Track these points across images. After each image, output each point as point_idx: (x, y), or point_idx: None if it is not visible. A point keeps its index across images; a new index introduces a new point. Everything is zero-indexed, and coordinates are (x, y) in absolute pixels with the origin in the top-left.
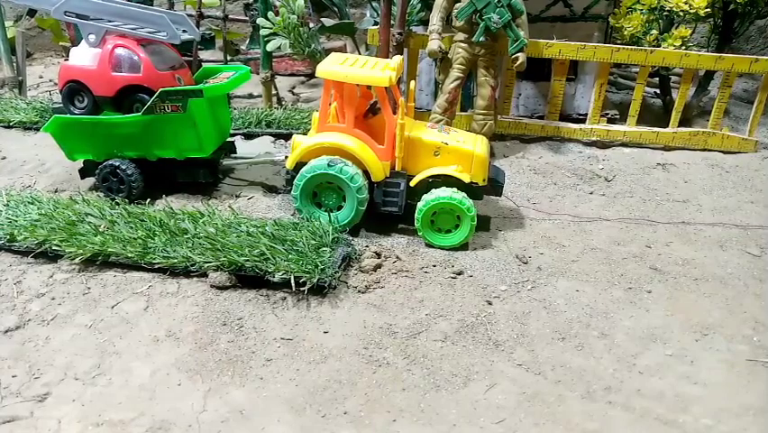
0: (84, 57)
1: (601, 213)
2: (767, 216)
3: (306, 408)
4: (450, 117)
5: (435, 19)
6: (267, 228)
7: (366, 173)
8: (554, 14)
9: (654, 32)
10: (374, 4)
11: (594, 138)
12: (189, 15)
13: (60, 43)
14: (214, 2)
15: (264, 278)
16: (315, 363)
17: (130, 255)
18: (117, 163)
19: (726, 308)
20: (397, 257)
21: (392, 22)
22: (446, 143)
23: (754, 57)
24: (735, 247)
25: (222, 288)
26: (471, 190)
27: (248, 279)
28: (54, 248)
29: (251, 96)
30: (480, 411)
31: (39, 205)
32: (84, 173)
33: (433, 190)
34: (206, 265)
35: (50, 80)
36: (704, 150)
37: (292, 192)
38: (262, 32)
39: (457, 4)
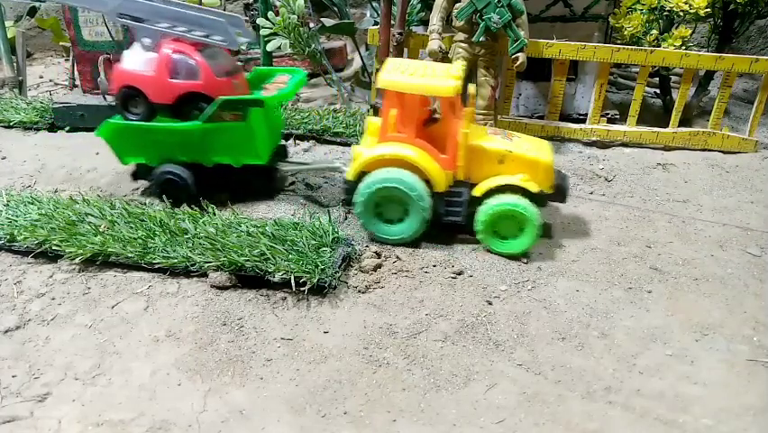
0: (139, 62)
1: (601, 213)
2: (767, 216)
3: (306, 408)
4: None
5: (435, 19)
6: (267, 228)
7: (428, 183)
8: (554, 14)
9: (654, 31)
10: (374, 3)
11: (594, 138)
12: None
13: (61, 43)
14: (215, 2)
15: (264, 278)
16: (315, 363)
17: (130, 255)
18: (174, 169)
19: (727, 308)
20: (398, 257)
21: (392, 21)
22: (511, 151)
23: (755, 57)
24: (735, 247)
25: (222, 288)
26: (536, 197)
27: (248, 279)
28: (54, 248)
29: None
30: (480, 411)
31: (39, 205)
32: (136, 176)
33: (495, 196)
34: (207, 265)
35: (51, 80)
36: (704, 150)
37: (355, 206)
38: (262, 31)
39: (457, 4)
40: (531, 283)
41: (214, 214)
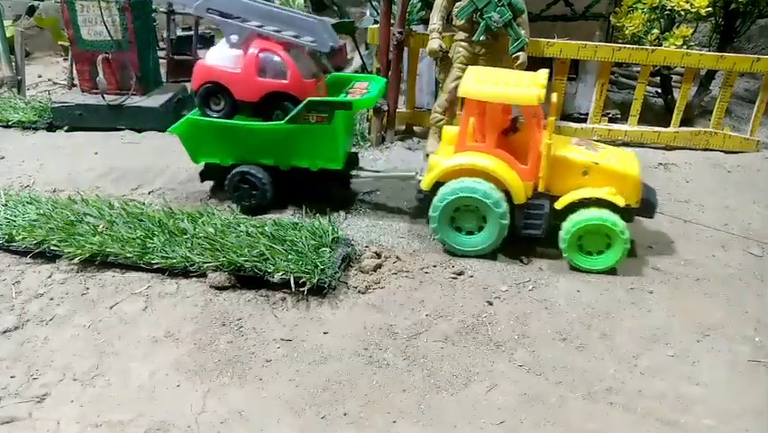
0: (225, 58)
1: None
2: (765, 218)
3: (305, 409)
4: (450, 117)
5: (436, 18)
6: (266, 228)
7: (506, 194)
8: (555, 13)
9: (656, 31)
10: (374, 2)
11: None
12: (188, 14)
13: (59, 43)
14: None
15: (263, 278)
16: (314, 363)
17: (129, 256)
18: (250, 169)
19: (728, 308)
20: (398, 257)
21: (392, 21)
22: (597, 163)
23: (756, 56)
24: (736, 248)
25: (221, 288)
26: (622, 212)
27: (247, 279)
28: (53, 248)
29: None
30: (481, 412)
31: (37, 205)
32: (204, 177)
33: (580, 211)
34: (206, 265)
35: (49, 80)
36: (706, 150)
37: (430, 216)
38: None
39: (458, 3)
40: (532, 284)
41: (213, 214)
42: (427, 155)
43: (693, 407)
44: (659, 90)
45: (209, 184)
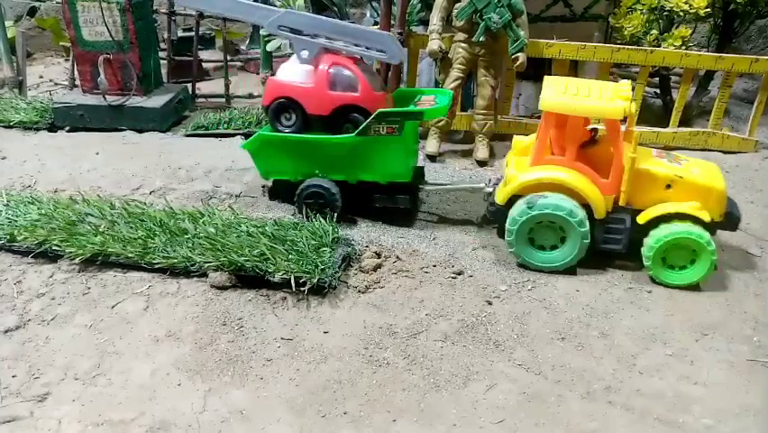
0: (297, 73)
1: None
2: (763, 217)
3: (306, 408)
4: (450, 117)
5: (436, 19)
6: (267, 228)
7: (586, 208)
8: (554, 14)
9: (654, 31)
10: (374, 3)
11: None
12: (188, 15)
13: (61, 43)
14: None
15: (264, 278)
16: (315, 363)
17: (130, 255)
18: (321, 183)
19: (727, 308)
20: (398, 257)
21: (392, 21)
22: (681, 177)
23: (755, 57)
24: (735, 247)
25: (222, 288)
26: (706, 225)
27: (248, 279)
28: (54, 248)
29: (251, 96)
30: (480, 411)
31: (39, 205)
32: (274, 194)
33: (664, 225)
34: (206, 265)
35: (51, 80)
36: (704, 150)
37: (506, 239)
38: (262, 31)
39: (457, 4)
40: (531, 283)
41: (214, 214)
42: (427, 156)
43: (692, 406)
44: (658, 91)
45: (210, 183)
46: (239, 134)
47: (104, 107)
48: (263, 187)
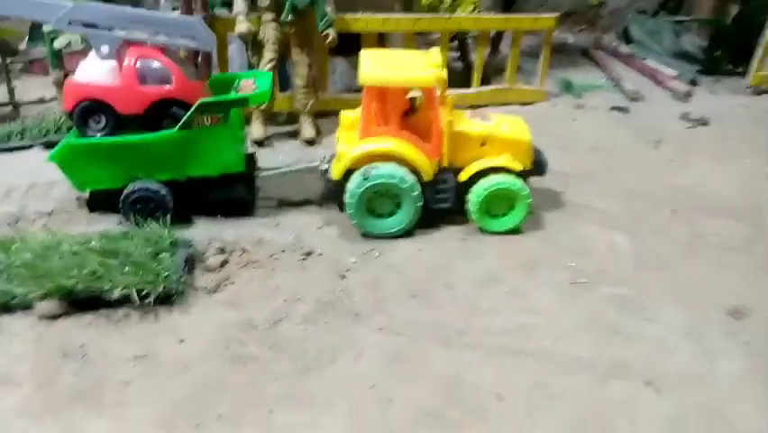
0: (100, 71)
1: None
2: (561, 158)
3: (177, 422)
4: (271, 100)
5: (239, 1)
6: (93, 243)
7: (416, 173)
8: None
9: (448, 0)
10: None
11: None
12: None
13: None
14: None
15: (101, 297)
16: (176, 374)
17: None
18: (148, 186)
19: (545, 243)
20: (243, 249)
21: (193, 6)
22: (492, 134)
23: (535, 15)
24: (539, 188)
25: (53, 317)
26: (518, 174)
27: (82, 302)
28: None
29: (42, 100)
30: (352, 382)
31: None
32: (94, 205)
33: (483, 179)
34: (31, 296)
35: None
36: (505, 104)
37: (347, 211)
38: (46, 27)
39: None
40: (377, 251)
41: (26, 238)
42: (254, 142)
43: (532, 333)
44: (458, 54)
45: (14, 204)
46: (38, 145)
47: None
48: (78, 199)
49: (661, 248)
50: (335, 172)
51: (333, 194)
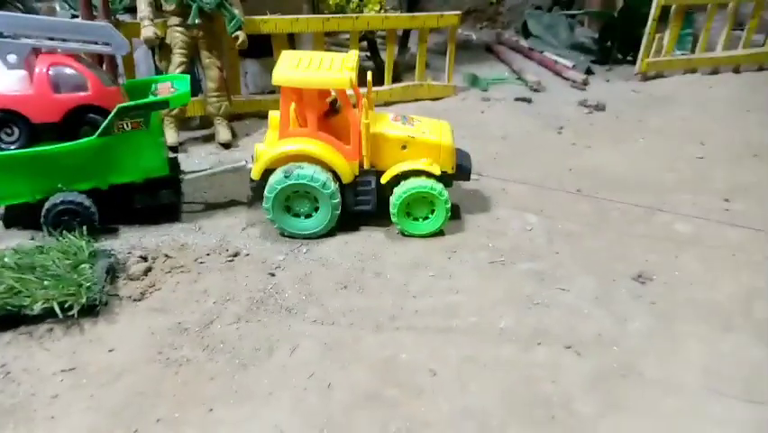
0: (9, 81)
1: None
2: (473, 148)
3: (114, 430)
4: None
5: (143, 5)
6: (7, 259)
7: (335, 175)
8: None
9: (355, 0)
10: None
11: None
12: None
13: None
14: None
15: (20, 314)
16: (108, 383)
17: None
18: (71, 198)
19: (464, 226)
20: (167, 255)
21: (95, 12)
22: (413, 137)
23: (440, 13)
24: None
25: None
26: (441, 178)
27: (1, 321)
28: None
29: None
30: (290, 373)
31: None
32: (10, 222)
33: (403, 182)
34: None
35: None
36: (417, 100)
37: (264, 206)
38: None
39: None
40: (306, 247)
41: None
42: (168, 148)
43: (459, 311)
44: (368, 54)
45: None
46: None
47: None
48: None
49: (569, 225)
50: (254, 172)
51: (256, 193)
